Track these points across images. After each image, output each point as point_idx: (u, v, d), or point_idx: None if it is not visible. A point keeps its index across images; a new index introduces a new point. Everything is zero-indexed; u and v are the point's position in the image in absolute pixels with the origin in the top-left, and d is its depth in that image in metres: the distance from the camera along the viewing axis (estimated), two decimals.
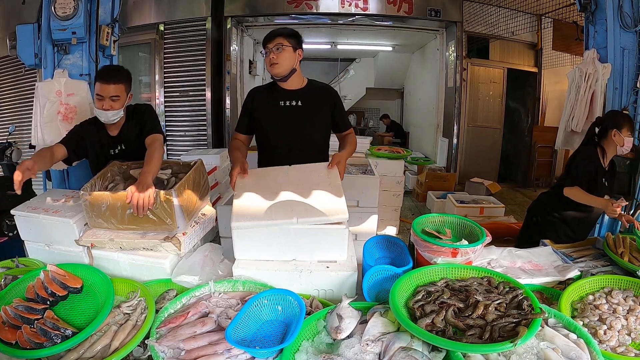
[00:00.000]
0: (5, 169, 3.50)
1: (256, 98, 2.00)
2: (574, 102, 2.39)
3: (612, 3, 2.16)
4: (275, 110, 1.95)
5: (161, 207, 1.45)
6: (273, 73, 1.90)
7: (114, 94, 1.78)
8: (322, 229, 1.42)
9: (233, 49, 5.96)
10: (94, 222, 1.54)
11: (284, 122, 1.95)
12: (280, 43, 1.84)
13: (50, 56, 2.52)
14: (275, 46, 1.84)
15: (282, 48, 1.84)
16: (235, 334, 1.12)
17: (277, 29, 1.89)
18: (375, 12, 5.52)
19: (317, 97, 1.99)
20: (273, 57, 1.85)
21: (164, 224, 1.48)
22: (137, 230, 1.51)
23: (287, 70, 1.89)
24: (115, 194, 1.48)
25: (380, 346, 1.08)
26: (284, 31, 1.88)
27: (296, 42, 1.90)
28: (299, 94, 1.96)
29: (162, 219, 1.47)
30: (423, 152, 7.39)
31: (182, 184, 1.55)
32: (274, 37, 1.85)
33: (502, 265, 1.68)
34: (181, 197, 1.51)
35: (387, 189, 3.96)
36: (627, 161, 2.18)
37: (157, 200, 1.45)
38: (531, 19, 6.02)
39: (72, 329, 1.14)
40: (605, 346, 1.18)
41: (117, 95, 1.79)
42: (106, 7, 2.68)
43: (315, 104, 1.98)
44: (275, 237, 1.42)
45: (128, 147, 1.94)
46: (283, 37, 1.85)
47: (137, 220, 1.48)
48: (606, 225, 2.35)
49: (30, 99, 5.06)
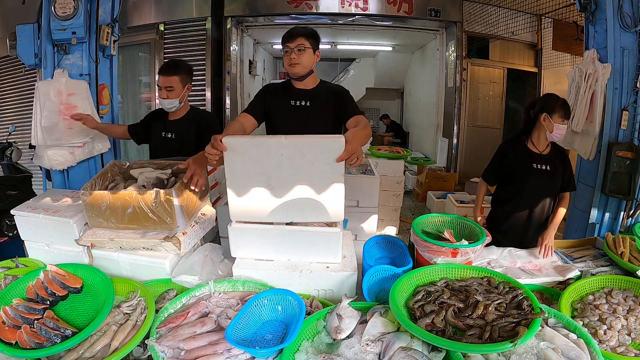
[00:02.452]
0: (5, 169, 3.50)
1: (272, 95, 2.00)
2: (574, 102, 2.39)
3: (612, 3, 2.15)
4: (286, 109, 1.97)
5: (161, 206, 1.45)
6: (292, 73, 1.90)
7: (168, 85, 2.10)
8: (316, 232, 1.42)
9: (233, 49, 5.96)
10: (94, 222, 1.54)
11: (292, 122, 1.96)
12: (302, 44, 1.84)
13: (50, 56, 2.52)
14: (297, 47, 1.83)
15: (303, 49, 1.84)
16: (235, 334, 1.12)
17: (299, 28, 1.87)
18: (375, 12, 5.52)
19: (325, 98, 2.00)
20: (294, 57, 1.85)
21: (164, 224, 1.48)
22: (137, 229, 1.51)
23: (305, 70, 1.90)
24: (115, 194, 1.48)
25: (380, 346, 1.08)
26: (305, 31, 1.86)
27: (316, 43, 1.90)
28: (310, 94, 1.97)
29: (162, 218, 1.47)
30: (423, 152, 7.39)
31: (182, 183, 1.55)
32: (296, 37, 1.84)
33: (502, 265, 1.69)
34: (181, 196, 1.51)
35: (387, 189, 3.96)
36: (627, 161, 2.18)
37: (157, 200, 1.45)
38: (531, 19, 6.01)
39: (72, 329, 1.14)
40: (605, 346, 1.18)
41: (171, 86, 2.10)
42: (106, 7, 2.68)
43: (322, 105, 1.99)
44: (271, 238, 1.43)
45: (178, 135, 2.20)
46: (305, 37, 1.85)
47: (137, 219, 1.48)
48: (606, 225, 2.35)
49: (30, 99, 5.06)
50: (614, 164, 2.20)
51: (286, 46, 1.85)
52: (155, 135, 2.26)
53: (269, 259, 1.46)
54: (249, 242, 1.44)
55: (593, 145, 2.33)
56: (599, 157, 2.32)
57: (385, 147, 4.85)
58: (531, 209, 2.05)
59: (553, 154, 2.05)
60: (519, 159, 2.04)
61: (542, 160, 2.02)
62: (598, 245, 1.93)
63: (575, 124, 2.38)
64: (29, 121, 2.51)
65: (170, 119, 2.24)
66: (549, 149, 2.05)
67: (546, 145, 2.04)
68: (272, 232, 1.42)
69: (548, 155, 2.04)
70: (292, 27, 1.88)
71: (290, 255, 1.45)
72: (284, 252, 1.45)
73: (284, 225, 1.42)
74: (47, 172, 2.72)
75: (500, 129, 6.35)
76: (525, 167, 2.03)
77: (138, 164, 1.79)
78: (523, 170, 2.03)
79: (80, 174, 2.62)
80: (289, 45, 1.84)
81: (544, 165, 2.02)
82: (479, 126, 6.24)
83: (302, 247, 1.43)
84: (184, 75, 2.13)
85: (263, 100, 1.99)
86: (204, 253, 1.54)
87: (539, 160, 2.02)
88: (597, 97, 2.24)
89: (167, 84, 2.09)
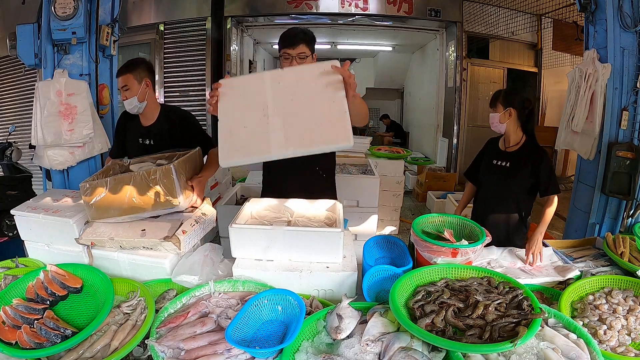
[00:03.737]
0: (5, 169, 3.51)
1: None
2: (574, 102, 2.39)
3: (612, 3, 2.15)
4: None
5: (161, 178, 1.50)
6: None
7: (122, 85, 1.95)
8: (317, 232, 1.42)
9: (233, 49, 5.96)
10: (95, 214, 1.55)
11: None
12: (303, 52, 1.75)
13: (50, 56, 2.52)
14: (299, 55, 1.75)
15: (304, 57, 1.76)
16: (235, 334, 1.12)
17: (299, 33, 1.78)
18: (375, 12, 5.53)
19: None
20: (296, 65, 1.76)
21: (164, 200, 1.52)
22: (139, 213, 1.54)
23: None
24: (116, 177, 1.53)
25: (380, 346, 1.08)
26: (305, 37, 1.78)
27: (313, 47, 1.83)
28: None
29: (161, 192, 1.50)
30: (423, 152, 7.39)
31: (182, 160, 1.62)
32: (297, 44, 1.75)
33: (502, 265, 1.69)
34: (180, 173, 1.56)
35: (387, 189, 3.97)
36: (627, 161, 2.18)
37: (158, 174, 1.50)
38: (531, 19, 6.02)
39: (72, 329, 1.14)
40: (605, 346, 1.18)
41: (125, 85, 1.95)
42: (106, 7, 2.68)
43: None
44: (271, 238, 1.42)
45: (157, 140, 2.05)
46: (305, 44, 1.76)
47: (138, 198, 1.52)
48: (606, 225, 2.35)
49: (30, 99, 5.06)
50: (614, 164, 2.20)
51: (286, 52, 1.76)
52: (133, 142, 2.09)
53: (269, 259, 1.46)
54: (249, 242, 1.44)
55: (593, 145, 2.32)
56: (599, 157, 2.32)
57: (385, 147, 4.86)
58: (490, 207, 2.04)
59: (522, 152, 1.96)
60: (487, 156, 2.06)
61: (503, 157, 2.00)
62: (598, 245, 1.93)
63: (575, 124, 2.38)
64: (29, 121, 2.51)
65: (145, 125, 2.06)
66: (518, 146, 1.98)
67: (516, 142, 1.98)
68: (273, 232, 1.42)
69: (514, 152, 1.98)
70: (291, 30, 1.80)
71: (291, 255, 1.45)
72: (284, 252, 1.44)
73: (284, 225, 1.42)
74: (47, 172, 2.72)
75: None
76: (486, 164, 2.04)
77: (137, 159, 1.82)
78: (484, 167, 2.05)
79: (80, 174, 2.62)
80: (289, 52, 1.75)
81: (504, 162, 1.98)
82: (479, 126, 6.24)
83: (302, 247, 1.43)
84: (139, 71, 1.97)
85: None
86: (204, 253, 1.54)
87: (500, 157, 2.01)
88: (597, 97, 2.24)
89: (122, 84, 1.95)
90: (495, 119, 1.98)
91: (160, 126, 2.04)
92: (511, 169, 1.96)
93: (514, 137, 1.99)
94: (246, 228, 1.44)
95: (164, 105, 2.12)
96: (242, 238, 1.44)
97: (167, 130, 2.02)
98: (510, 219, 2.01)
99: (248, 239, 1.44)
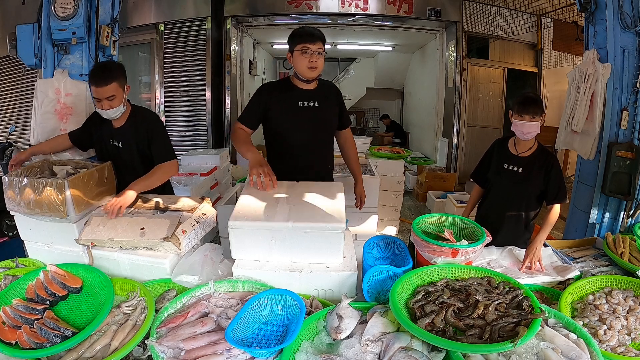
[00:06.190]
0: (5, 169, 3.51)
1: (273, 96, 1.95)
2: (574, 102, 2.39)
3: (612, 3, 2.15)
4: (294, 111, 1.94)
5: (54, 192, 1.51)
6: (309, 76, 1.89)
7: (109, 95, 1.83)
8: (317, 232, 1.41)
9: (233, 49, 5.95)
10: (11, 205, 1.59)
11: (303, 124, 1.95)
12: (322, 49, 1.85)
13: (50, 56, 2.52)
14: (318, 51, 1.84)
15: (322, 53, 1.86)
16: (235, 334, 1.12)
17: (317, 31, 1.87)
18: (375, 12, 5.52)
19: (328, 97, 2.00)
20: (315, 61, 1.85)
21: (56, 210, 1.52)
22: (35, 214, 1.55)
23: (319, 74, 1.92)
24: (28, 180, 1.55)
25: (380, 346, 1.08)
26: (322, 36, 1.88)
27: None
28: (315, 94, 1.97)
29: (55, 205, 1.51)
30: (423, 152, 7.39)
31: (77, 177, 1.60)
32: (317, 40, 1.84)
33: (502, 265, 1.69)
34: (73, 188, 1.55)
35: (387, 189, 3.96)
36: (627, 161, 2.18)
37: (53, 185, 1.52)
38: (531, 19, 6.01)
39: (72, 329, 1.14)
40: (605, 346, 1.18)
41: (112, 95, 1.84)
42: (106, 7, 2.68)
43: (328, 104, 1.99)
44: (271, 239, 1.42)
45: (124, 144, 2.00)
46: (322, 43, 1.87)
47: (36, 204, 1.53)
48: (606, 225, 2.35)
49: (30, 99, 5.05)
50: (614, 164, 2.20)
51: (306, 46, 1.82)
52: (105, 142, 2.03)
53: (269, 259, 1.46)
54: (249, 242, 1.44)
55: (593, 145, 2.32)
56: (599, 157, 2.32)
57: (385, 147, 4.85)
58: (499, 210, 2.00)
59: (534, 158, 1.91)
60: (497, 158, 2.01)
61: (515, 162, 1.93)
62: (598, 245, 1.93)
63: (575, 124, 2.38)
64: (29, 121, 2.51)
65: (115, 127, 2.00)
66: (530, 152, 1.92)
67: (528, 147, 1.92)
68: (273, 232, 1.42)
69: (526, 158, 1.91)
70: (308, 27, 1.88)
71: (291, 255, 1.45)
72: (285, 252, 1.44)
73: (285, 222, 1.41)
74: None
75: (500, 129, 6.35)
76: (496, 166, 2.00)
77: (62, 162, 1.86)
78: (494, 170, 2.01)
79: None
80: (310, 46, 1.83)
81: (516, 167, 1.92)
82: (479, 126, 6.24)
83: (302, 247, 1.43)
84: (121, 78, 1.89)
85: (259, 103, 1.95)
86: (204, 253, 1.54)
87: (512, 161, 1.94)
88: (597, 97, 2.24)
89: (107, 94, 1.82)
90: (535, 127, 1.82)
91: (127, 128, 1.99)
92: (524, 175, 1.90)
93: (530, 142, 1.91)
94: (246, 228, 1.43)
95: (134, 107, 2.05)
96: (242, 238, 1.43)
97: (133, 133, 1.98)
98: (516, 224, 1.98)
99: (248, 239, 1.43)
